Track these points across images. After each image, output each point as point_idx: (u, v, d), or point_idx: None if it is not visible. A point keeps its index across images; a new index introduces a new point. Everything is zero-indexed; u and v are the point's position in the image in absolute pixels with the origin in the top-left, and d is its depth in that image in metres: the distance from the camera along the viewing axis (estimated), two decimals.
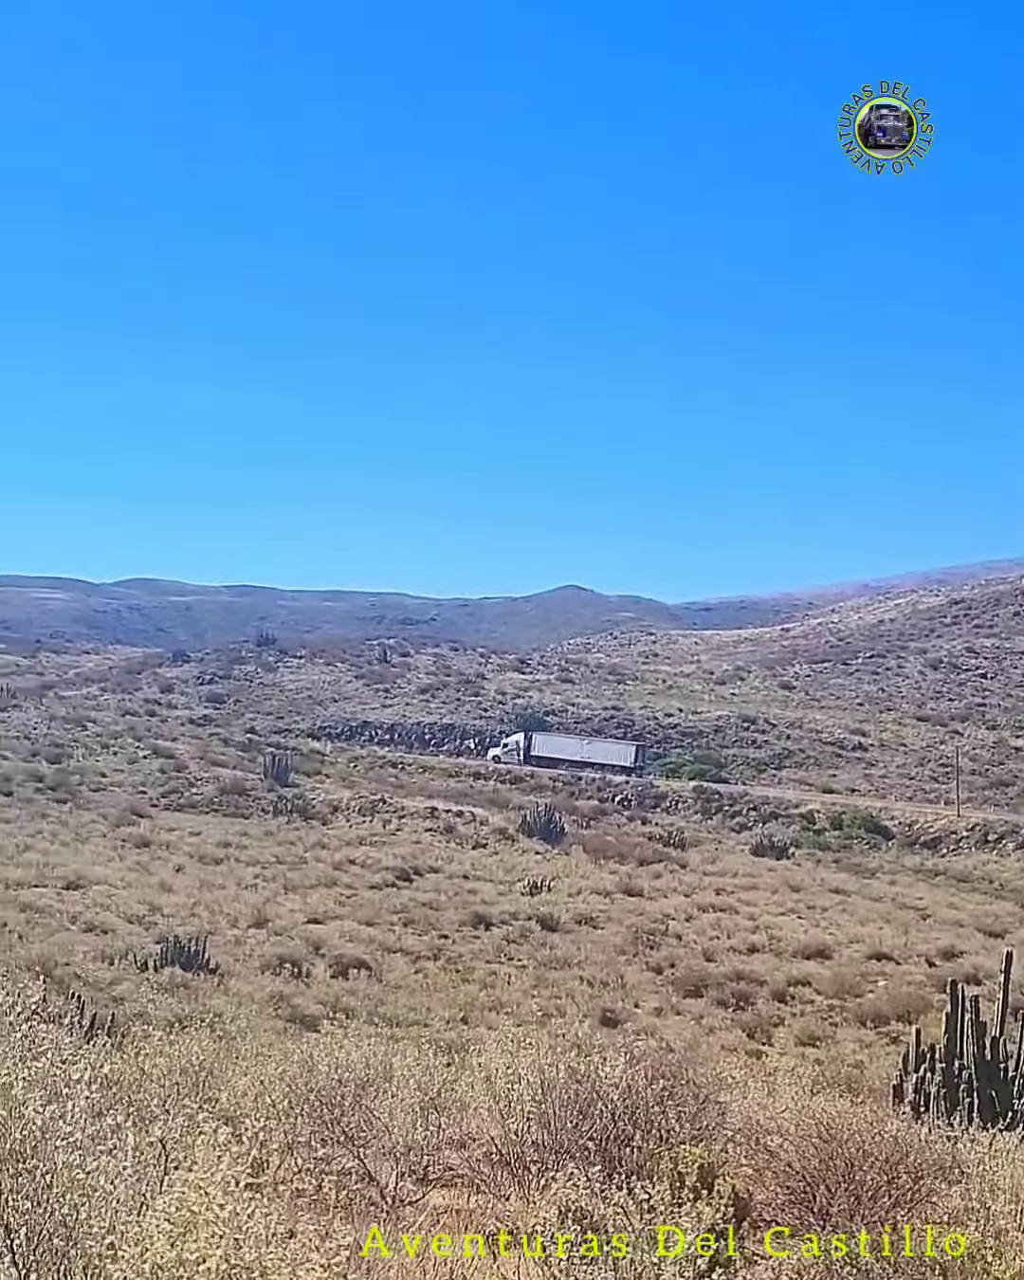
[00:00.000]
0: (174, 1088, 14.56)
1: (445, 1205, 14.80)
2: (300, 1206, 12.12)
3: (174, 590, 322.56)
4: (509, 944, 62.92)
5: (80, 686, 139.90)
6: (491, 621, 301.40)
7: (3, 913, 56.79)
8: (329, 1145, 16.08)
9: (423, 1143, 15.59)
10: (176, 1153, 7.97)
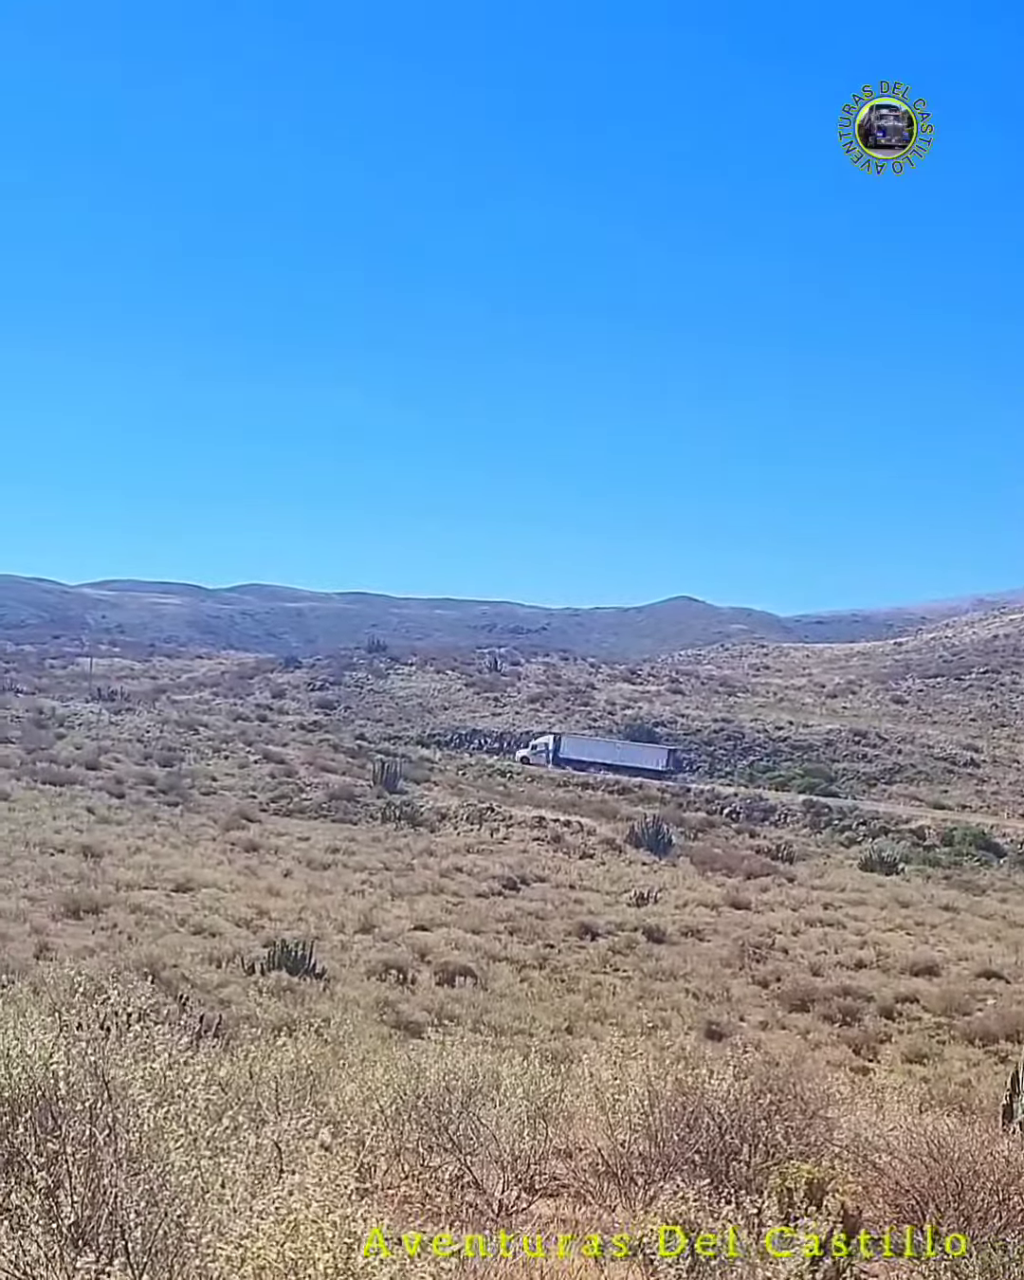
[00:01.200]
0: (284, 1091, 14.58)
1: (551, 1215, 14.74)
2: (407, 1213, 12.12)
3: (287, 596, 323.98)
4: (615, 954, 62.78)
5: (193, 691, 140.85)
6: (602, 631, 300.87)
7: (114, 914, 57.28)
8: (436, 1152, 16.08)
9: (530, 1152, 15.53)
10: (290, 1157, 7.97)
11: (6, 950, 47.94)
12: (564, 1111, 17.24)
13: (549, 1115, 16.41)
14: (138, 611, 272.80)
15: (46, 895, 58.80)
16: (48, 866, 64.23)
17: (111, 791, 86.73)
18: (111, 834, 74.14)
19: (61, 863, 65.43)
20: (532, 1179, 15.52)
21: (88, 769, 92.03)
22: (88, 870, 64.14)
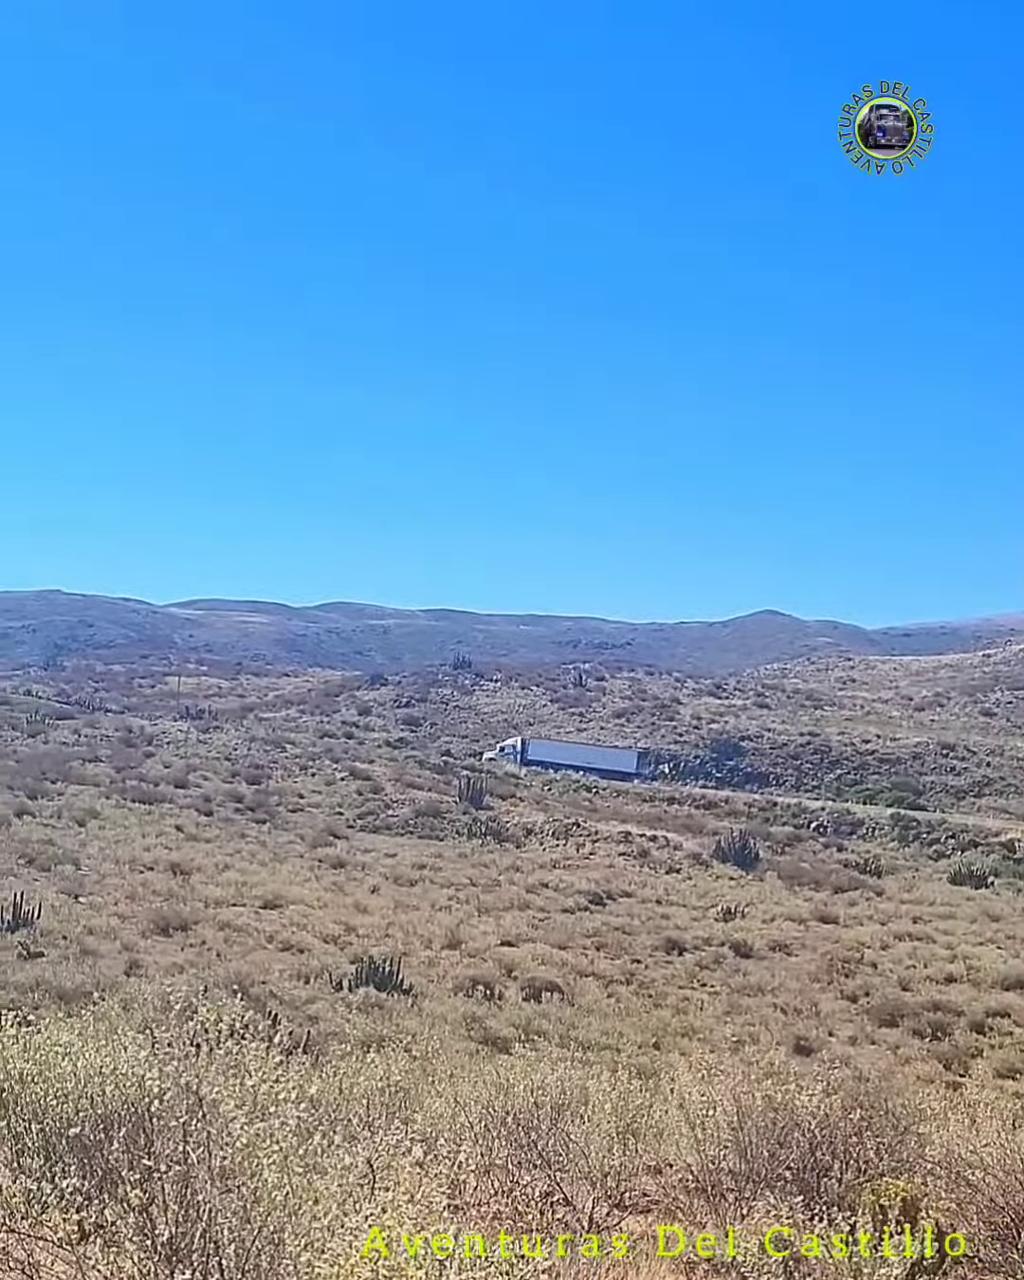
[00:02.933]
0: (374, 1108, 14.65)
1: (642, 1231, 14.74)
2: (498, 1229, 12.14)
3: (372, 614, 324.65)
4: (702, 970, 62.59)
5: (280, 709, 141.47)
6: (687, 646, 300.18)
7: (203, 931, 57.58)
8: (525, 1168, 16.10)
9: (619, 1168, 15.54)
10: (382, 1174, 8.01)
11: (97, 967, 48.31)
12: (653, 1127, 17.22)
13: (638, 1131, 16.40)
14: (225, 630, 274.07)
15: (136, 912, 59.17)
16: (138, 884, 64.62)
17: (200, 809, 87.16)
18: (200, 851, 74.51)
19: (151, 880, 65.81)
20: (621, 1195, 15.53)
21: (176, 787, 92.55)
22: (177, 887, 64.49)
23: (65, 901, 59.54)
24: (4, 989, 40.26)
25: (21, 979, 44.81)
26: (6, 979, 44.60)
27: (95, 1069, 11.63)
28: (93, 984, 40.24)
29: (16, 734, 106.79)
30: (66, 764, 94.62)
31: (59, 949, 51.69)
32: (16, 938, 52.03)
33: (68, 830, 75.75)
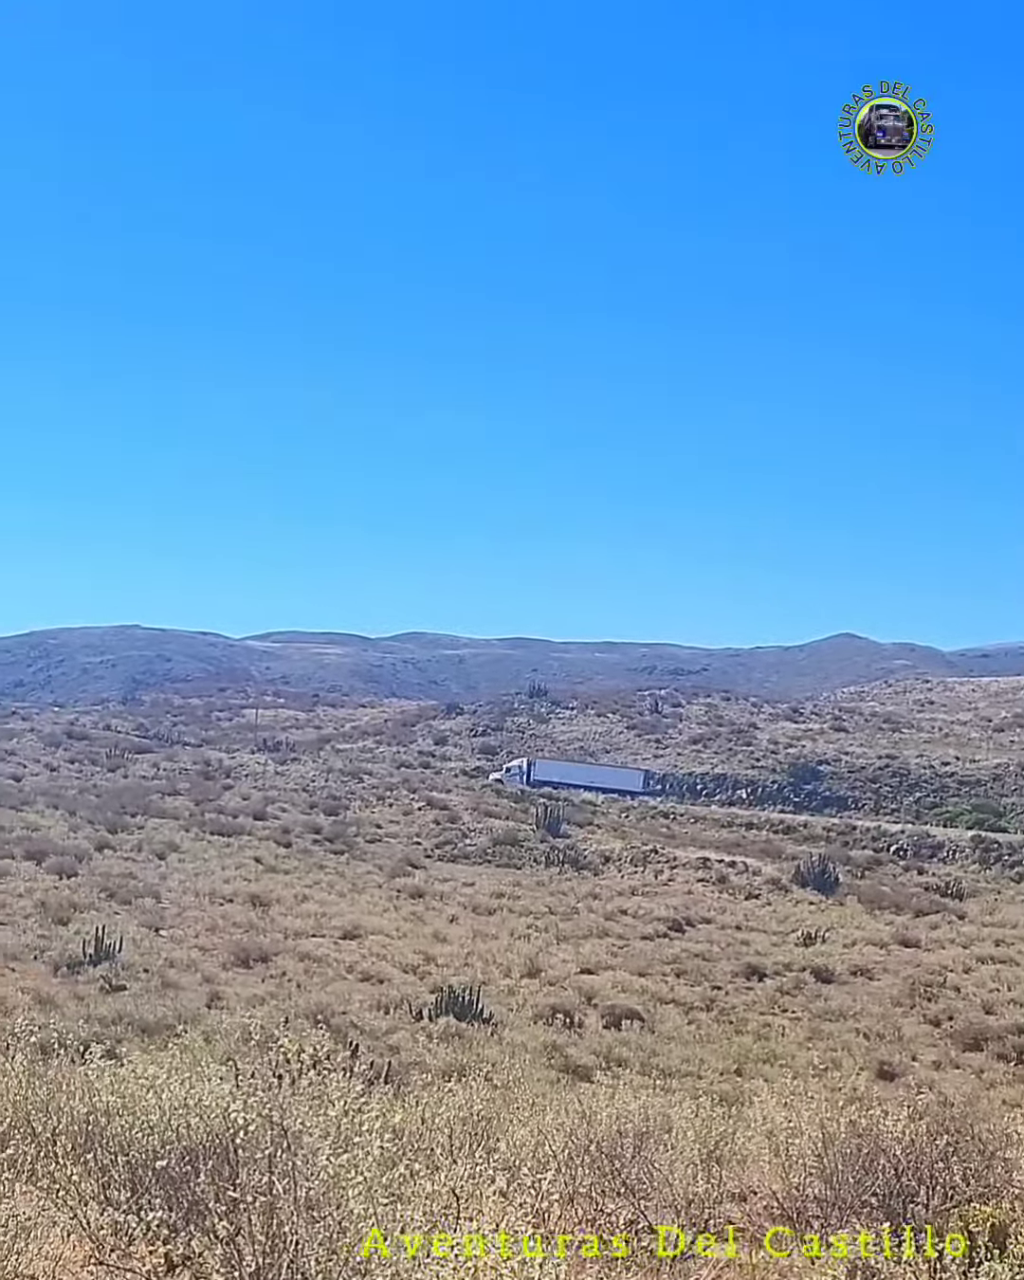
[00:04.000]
0: (457, 1137, 14.65)
1: (726, 1259, 14.67)
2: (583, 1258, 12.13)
3: (447, 643, 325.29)
4: (783, 995, 62.30)
5: (357, 740, 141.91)
6: (763, 671, 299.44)
7: (283, 962, 57.73)
8: (609, 1196, 16.06)
9: (704, 1195, 15.47)
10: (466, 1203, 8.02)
11: (179, 1000, 48.47)
12: (737, 1154, 17.15)
13: (722, 1158, 16.33)
14: (301, 662, 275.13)
15: (216, 944, 59.40)
16: (218, 916, 64.87)
17: (278, 840, 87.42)
18: (279, 883, 74.73)
19: (231, 912, 66.06)
20: (706, 1222, 15.46)
21: (255, 819, 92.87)
22: (256, 919, 64.72)
23: (146, 934, 59.83)
24: (88, 1022, 40.39)
25: (105, 1012, 45.00)
26: (90, 1012, 44.77)
27: (180, 1101, 11.70)
28: (175, 1016, 40.43)
29: (96, 768, 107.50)
30: (146, 798, 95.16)
31: (141, 982, 51.95)
32: (99, 971, 52.30)
33: (148, 863, 76.17)
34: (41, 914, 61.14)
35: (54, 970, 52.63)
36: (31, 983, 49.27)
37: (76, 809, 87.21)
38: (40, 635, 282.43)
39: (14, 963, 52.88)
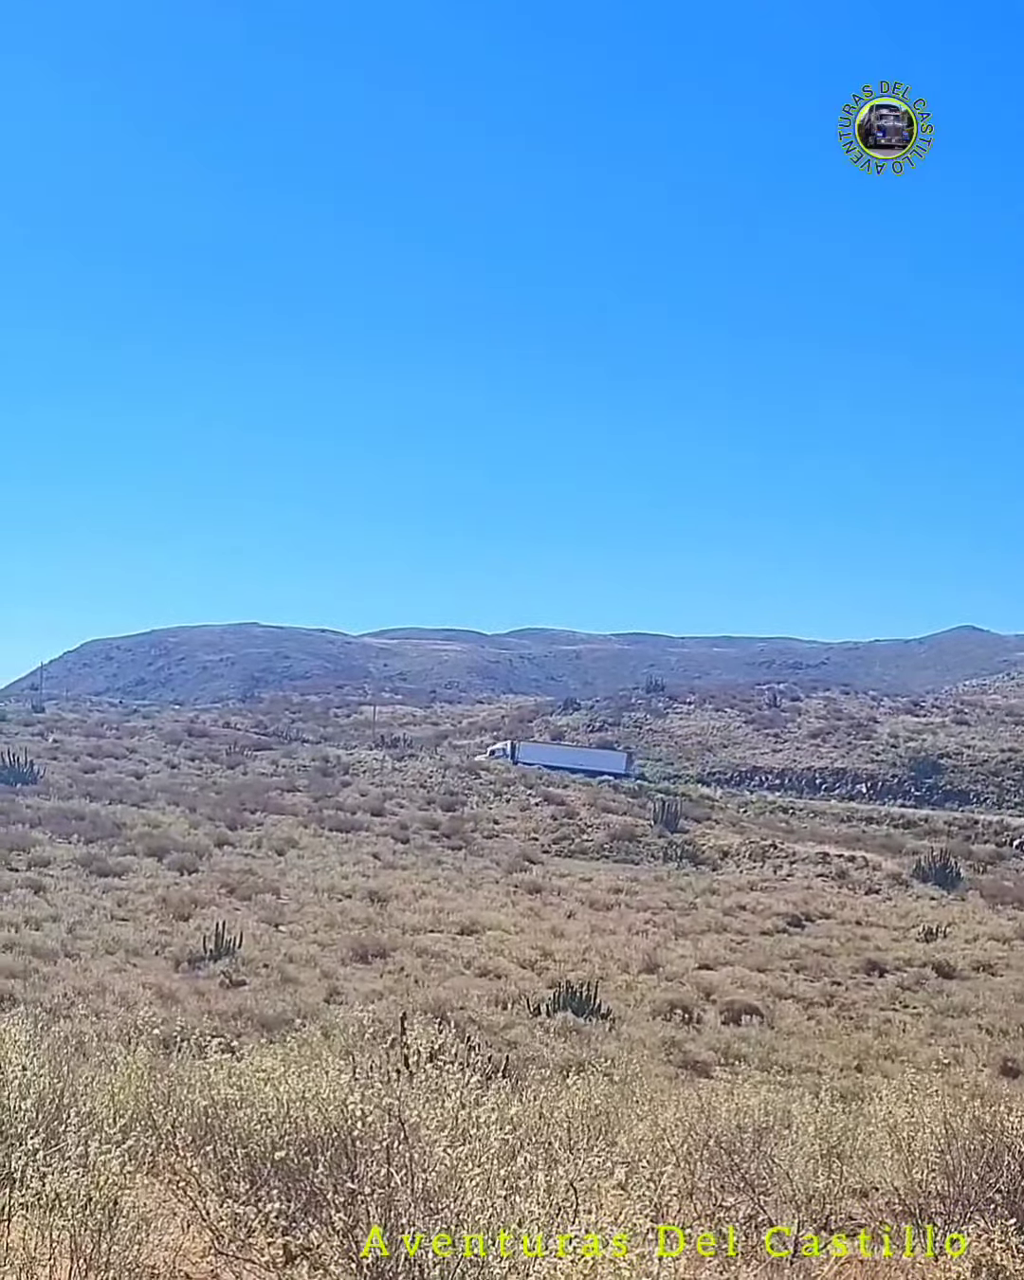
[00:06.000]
0: (576, 1131, 14.61)
1: (848, 1255, 14.55)
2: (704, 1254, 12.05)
3: (564, 639, 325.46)
4: (904, 991, 61.85)
5: (474, 735, 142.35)
6: (883, 664, 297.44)
7: (401, 958, 57.89)
8: (728, 1191, 15.98)
9: (824, 1191, 15.36)
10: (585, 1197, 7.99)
11: (298, 994, 48.71)
12: (858, 1150, 17.02)
13: (843, 1154, 16.21)
14: (418, 659, 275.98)
15: (335, 940, 59.66)
16: (336, 912, 65.17)
17: (396, 836, 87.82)
18: (397, 878, 75.01)
19: (349, 908, 66.36)
20: (827, 1218, 15.35)
21: (373, 815, 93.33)
22: (375, 915, 64.98)
23: (266, 930, 60.19)
24: (208, 1017, 40.70)
25: (224, 1007, 45.30)
26: (211, 1007, 45.10)
27: (298, 1094, 11.74)
28: (294, 1011, 40.55)
29: (216, 766, 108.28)
30: (265, 794, 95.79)
31: (260, 977, 52.25)
32: (219, 966, 52.65)
33: (267, 859, 76.69)
34: (163, 910, 61.68)
35: (175, 965, 53.06)
36: (153, 978, 49.66)
37: (197, 806, 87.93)
38: (161, 634, 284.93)
39: (136, 958, 53.35)
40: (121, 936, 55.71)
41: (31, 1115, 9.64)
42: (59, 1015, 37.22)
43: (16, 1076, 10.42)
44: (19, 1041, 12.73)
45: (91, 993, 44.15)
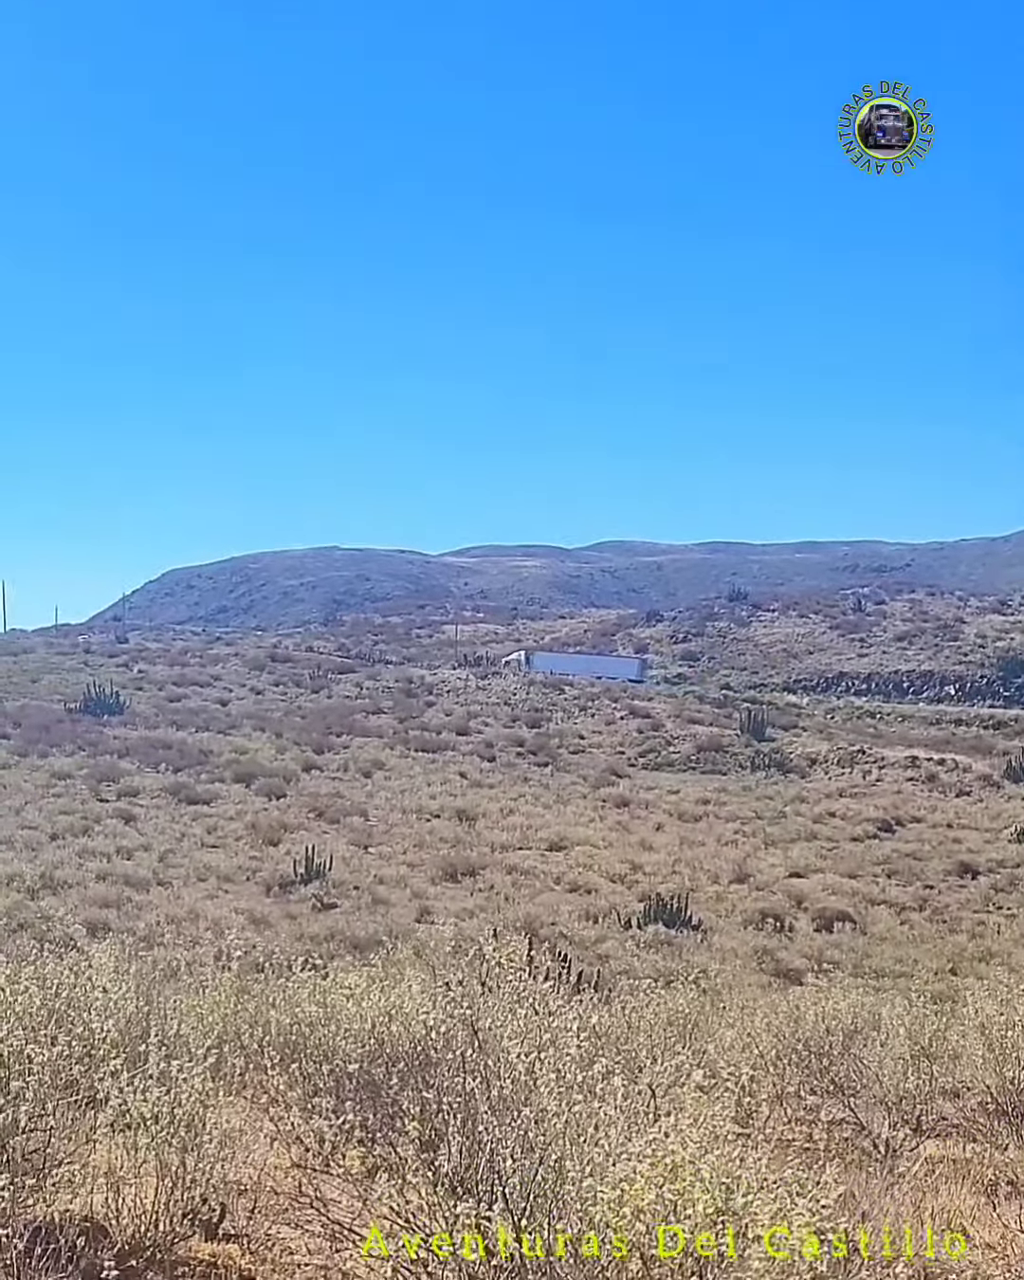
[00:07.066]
0: (661, 1039, 14.61)
1: (940, 1155, 14.55)
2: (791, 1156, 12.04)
3: (644, 551, 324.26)
4: (997, 893, 61.71)
5: (556, 651, 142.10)
6: (969, 564, 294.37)
7: (490, 876, 58.16)
8: (818, 1095, 16.01)
9: (915, 1092, 15.37)
10: (665, 1102, 7.97)
11: (389, 915, 49.07)
12: (949, 1051, 17.00)
13: (933, 1054, 16.20)
14: (499, 576, 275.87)
15: (424, 860, 59.99)
16: (425, 832, 65.49)
17: (482, 755, 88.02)
18: (484, 797, 75.23)
19: (438, 828, 66.65)
20: (917, 1119, 15.35)
21: (458, 734, 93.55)
22: (463, 834, 65.23)
23: (355, 852, 60.59)
24: (301, 940, 41.04)
25: (317, 930, 45.71)
26: (303, 930, 45.51)
27: (381, 1010, 11.80)
28: (385, 932, 40.82)
29: (300, 690, 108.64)
30: (350, 717, 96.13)
31: (351, 899, 52.64)
32: (310, 890, 53.06)
33: (354, 782, 77.03)
34: (252, 836, 62.14)
35: (266, 890, 53.50)
36: (245, 903, 50.12)
37: (282, 731, 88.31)
38: (241, 561, 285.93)
39: (228, 884, 53.81)
40: (212, 863, 56.17)
41: (114, 1037, 9.67)
42: (153, 943, 37.54)
43: (99, 999, 10.47)
44: (106, 967, 12.80)
45: (184, 920, 44.47)
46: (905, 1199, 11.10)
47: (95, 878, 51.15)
